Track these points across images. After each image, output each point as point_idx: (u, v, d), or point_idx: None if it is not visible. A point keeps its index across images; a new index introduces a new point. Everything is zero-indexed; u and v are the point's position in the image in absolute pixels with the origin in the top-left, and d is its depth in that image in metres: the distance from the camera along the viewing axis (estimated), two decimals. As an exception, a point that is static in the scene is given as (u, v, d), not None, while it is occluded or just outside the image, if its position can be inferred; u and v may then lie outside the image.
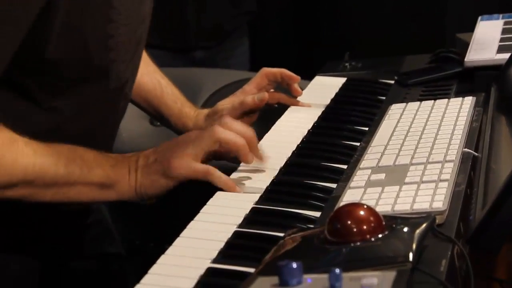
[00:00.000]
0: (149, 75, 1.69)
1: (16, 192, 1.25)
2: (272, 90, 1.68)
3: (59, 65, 1.28)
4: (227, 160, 1.41)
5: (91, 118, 1.40)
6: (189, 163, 1.30)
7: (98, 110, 1.40)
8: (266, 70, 1.67)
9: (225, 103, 1.66)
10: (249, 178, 1.36)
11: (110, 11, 1.30)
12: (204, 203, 1.30)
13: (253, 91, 1.65)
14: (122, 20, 1.32)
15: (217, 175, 1.31)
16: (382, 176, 1.30)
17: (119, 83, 1.40)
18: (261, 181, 1.35)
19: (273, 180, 1.36)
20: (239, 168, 1.40)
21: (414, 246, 1.01)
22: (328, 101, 1.73)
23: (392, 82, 1.84)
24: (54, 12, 1.23)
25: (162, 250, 1.17)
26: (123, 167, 1.31)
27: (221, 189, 1.33)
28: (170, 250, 1.16)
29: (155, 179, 1.31)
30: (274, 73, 1.66)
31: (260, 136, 1.56)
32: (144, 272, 1.12)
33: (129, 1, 1.33)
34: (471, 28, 1.99)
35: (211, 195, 1.32)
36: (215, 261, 1.13)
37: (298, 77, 1.67)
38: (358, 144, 1.50)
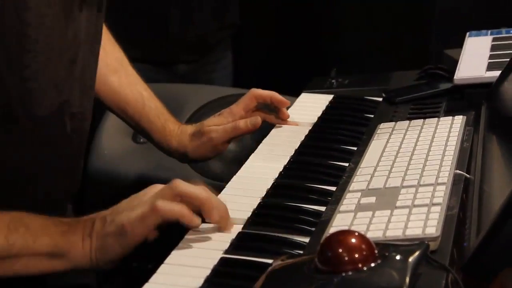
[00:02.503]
0: (130, 87, 1.64)
1: None
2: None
3: None
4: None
5: (36, 156, 1.30)
6: (139, 217, 1.18)
7: (39, 144, 1.29)
8: (255, 92, 1.63)
9: (212, 124, 1.62)
10: (235, 201, 1.33)
11: (24, 41, 1.21)
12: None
13: (241, 112, 1.62)
14: (40, 49, 1.23)
15: (166, 208, 1.18)
16: (372, 199, 1.26)
17: (50, 109, 1.29)
18: (248, 204, 1.32)
19: (260, 203, 1.33)
20: (222, 193, 1.37)
21: (408, 276, 0.98)
22: (315, 120, 1.70)
23: (380, 99, 1.81)
24: None
25: (145, 271, 1.14)
26: (76, 233, 1.19)
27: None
28: (154, 278, 1.12)
29: (111, 243, 1.18)
30: (263, 96, 1.63)
31: (246, 155, 1.53)
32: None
33: (49, 28, 1.24)
34: (455, 44, 1.97)
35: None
36: (201, 290, 1.09)
37: (288, 102, 1.64)
38: (346, 164, 1.47)
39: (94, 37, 1.39)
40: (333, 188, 1.37)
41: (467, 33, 2.03)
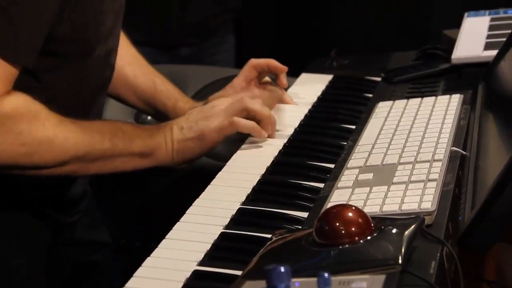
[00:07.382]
0: (144, 76, 1.70)
1: (67, 168, 1.34)
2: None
3: (62, 43, 1.34)
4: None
5: (84, 89, 1.44)
6: (219, 128, 1.43)
7: (89, 80, 1.44)
8: (253, 61, 1.67)
9: (217, 97, 1.65)
10: (235, 178, 1.35)
11: None
12: (190, 203, 1.29)
13: (242, 84, 1.65)
14: None
15: (242, 124, 1.44)
16: (370, 176, 1.29)
17: (105, 52, 1.45)
18: (248, 181, 1.35)
19: (259, 180, 1.35)
20: (224, 170, 1.40)
21: (403, 248, 1.00)
22: (315, 99, 1.72)
23: (379, 79, 1.83)
24: None
25: (148, 249, 1.16)
26: (159, 137, 1.43)
27: (206, 189, 1.33)
28: (155, 252, 1.15)
29: (191, 147, 1.43)
30: (261, 64, 1.66)
31: (248, 135, 1.55)
32: (130, 271, 1.11)
33: None
34: (455, 24, 1.99)
35: (197, 195, 1.31)
36: (201, 263, 1.12)
37: (285, 67, 1.67)
38: (345, 142, 1.49)
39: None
40: (332, 166, 1.39)
41: (466, 14, 2.04)
